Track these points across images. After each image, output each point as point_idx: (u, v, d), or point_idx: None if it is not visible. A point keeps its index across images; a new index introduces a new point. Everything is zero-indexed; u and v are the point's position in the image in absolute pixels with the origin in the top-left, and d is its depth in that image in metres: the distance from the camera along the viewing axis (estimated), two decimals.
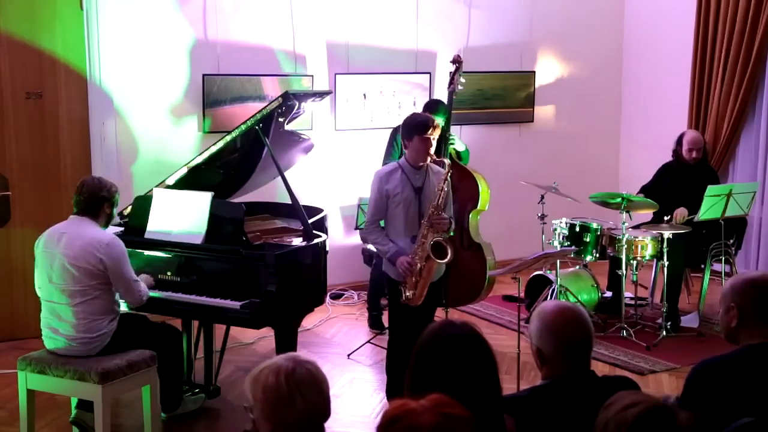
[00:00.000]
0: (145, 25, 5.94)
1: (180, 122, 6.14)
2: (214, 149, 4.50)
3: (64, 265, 3.87)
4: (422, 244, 4.25)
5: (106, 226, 4.07)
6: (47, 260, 3.93)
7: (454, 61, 5.79)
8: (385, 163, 5.73)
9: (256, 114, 4.48)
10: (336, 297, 6.61)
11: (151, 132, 6.07)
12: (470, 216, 5.48)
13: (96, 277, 3.88)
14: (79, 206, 3.99)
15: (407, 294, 4.27)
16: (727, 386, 2.56)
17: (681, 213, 5.85)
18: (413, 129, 4.29)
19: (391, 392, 4.54)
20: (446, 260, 4.26)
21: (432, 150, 4.32)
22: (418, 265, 4.23)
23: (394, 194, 4.30)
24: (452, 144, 5.58)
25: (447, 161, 4.38)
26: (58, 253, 3.89)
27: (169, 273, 4.30)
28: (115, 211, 4.11)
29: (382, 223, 4.42)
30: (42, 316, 4.01)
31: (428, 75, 7.04)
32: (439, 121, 5.57)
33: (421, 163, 4.33)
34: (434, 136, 4.30)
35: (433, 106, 5.73)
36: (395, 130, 5.79)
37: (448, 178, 4.32)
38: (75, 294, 3.87)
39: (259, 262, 4.09)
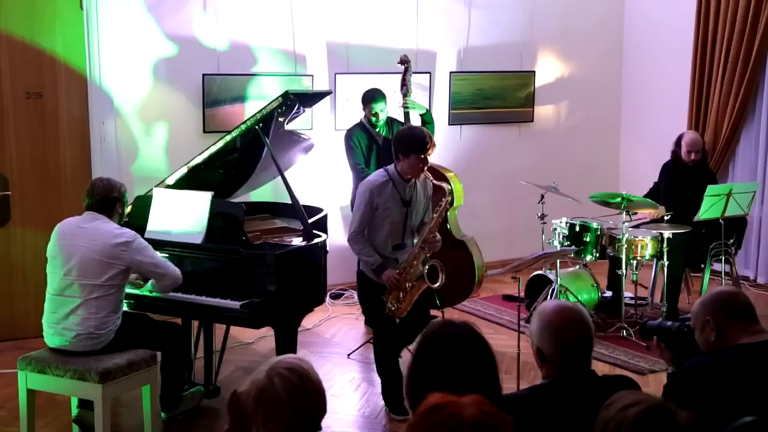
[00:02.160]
0: (145, 25, 5.94)
1: (180, 122, 6.14)
2: (214, 149, 4.51)
3: (88, 258, 3.88)
4: (413, 263, 4.33)
5: (119, 223, 4.10)
6: (65, 253, 3.93)
7: (401, 62, 5.81)
8: (354, 166, 5.70)
9: (256, 114, 4.48)
10: (336, 297, 6.61)
11: (151, 132, 6.07)
12: (448, 214, 5.59)
13: (116, 274, 3.91)
14: (91, 207, 4.02)
15: (391, 307, 4.35)
16: (717, 385, 2.57)
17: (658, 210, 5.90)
18: (411, 147, 4.31)
19: (387, 393, 4.55)
20: (437, 285, 4.37)
21: (426, 167, 4.37)
22: (408, 284, 4.32)
23: (384, 208, 4.37)
24: (413, 108, 5.76)
25: (448, 187, 4.43)
26: (80, 246, 3.90)
27: None
28: (127, 209, 4.16)
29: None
30: (46, 310, 3.99)
31: (428, 75, 7.05)
32: (381, 106, 5.64)
33: (411, 177, 4.37)
34: (431, 153, 4.33)
35: (371, 96, 5.71)
36: (350, 132, 5.79)
37: (447, 204, 4.44)
38: (93, 288, 3.88)
39: (259, 262, 4.09)
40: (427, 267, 4.34)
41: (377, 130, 5.71)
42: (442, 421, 1.63)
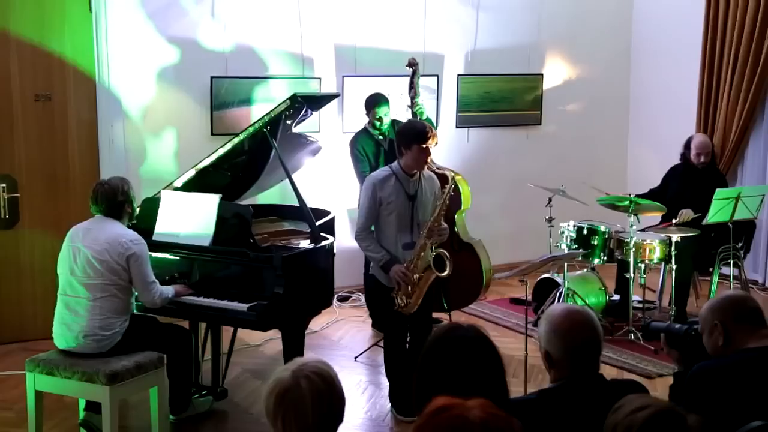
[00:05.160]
0: (153, 28, 5.95)
1: (188, 124, 6.15)
2: (222, 151, 4.52)
3: (88, 258, 3.93)
4: (420, 255, 4.29)
5: (130, 220, 4.17)
6: (71, 253, 4.00)
7: (409, 65, 5.81)
8: (359, 173, 5.71)
9: (263, 116, 4.49)
10: (343, 299, 6.61)
11: (159, 134, 6.08)
12: (456, 217, 5.55)
13: (117, 273, 3.94)
14: (100, 212, 4.08)
15: (400, 302, 4.32)
16: (725, 389, 2.56)
17: (686, 213, 5.83)
18: (412, 138, 4.30)
19: (395, 396, 4.55)
20: (445, 273, 4.31)
21: (429, 158, 4.34)
22: (416, 275, 4.28)
23: (387, 202, 4.33)
24: (421, 112, 5.81)
25: (450, 174, 4.39)
26: (82, 246, 3.96)
27: (176, 275, 4.31)
28: (135, 205, 4.19)
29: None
30: (56, 311, 4.04)
31: (436, 77, 7.04)
32: (385, 111, 5.64)
33: (415, 171, 4.35)
34: (433, 144, 4.31)
35: (375, 100, 5.70)
36: (354, 139, 5.79)
37: (450, 191, 4.36)
38: (95, 288, 3.92)
39: (267, 265, 4.10)
40: (432, 254, 4.29)
41: (381, 134, 5.70)
42: (448, 422, 1.63)
